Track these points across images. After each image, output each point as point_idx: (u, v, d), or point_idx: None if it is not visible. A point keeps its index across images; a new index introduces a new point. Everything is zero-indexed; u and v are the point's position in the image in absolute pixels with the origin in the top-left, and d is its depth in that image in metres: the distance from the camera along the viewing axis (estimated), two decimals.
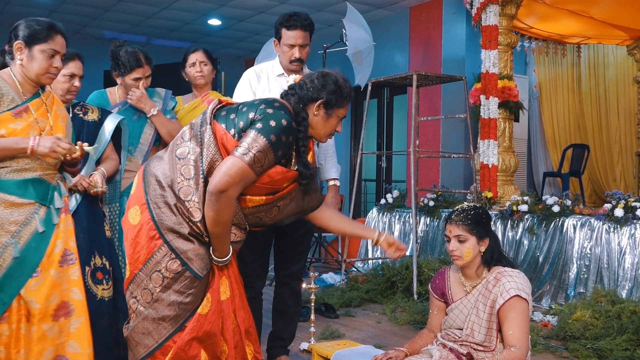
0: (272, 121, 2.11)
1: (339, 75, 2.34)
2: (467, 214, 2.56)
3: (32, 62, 2.35)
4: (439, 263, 5.02)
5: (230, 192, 2.07)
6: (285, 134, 2.14)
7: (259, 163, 2.09)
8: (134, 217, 2.21)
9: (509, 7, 6.06)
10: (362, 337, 3.96)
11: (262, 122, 2.11)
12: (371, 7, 8.07)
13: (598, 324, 3.78)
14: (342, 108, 2.32)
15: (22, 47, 2.34)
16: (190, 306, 2.16)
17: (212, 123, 2.19)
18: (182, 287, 2.14)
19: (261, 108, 2.16)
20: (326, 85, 2.28)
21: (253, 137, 2.09)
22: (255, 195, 2.20)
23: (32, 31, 2.34)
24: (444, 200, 6.14)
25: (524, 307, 2.45)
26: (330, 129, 2.34)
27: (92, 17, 8.82)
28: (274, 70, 3.19)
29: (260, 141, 2.08)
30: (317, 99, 2.26)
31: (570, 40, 8.00)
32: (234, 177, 2.06)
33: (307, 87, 2.28)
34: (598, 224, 4.67)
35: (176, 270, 2.14)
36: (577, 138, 8.49)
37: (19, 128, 2.30)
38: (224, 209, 2.10)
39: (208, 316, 2.19)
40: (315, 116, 2.28)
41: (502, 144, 6.05)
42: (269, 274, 4.76)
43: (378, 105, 9.10)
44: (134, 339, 2.18)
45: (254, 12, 8.53)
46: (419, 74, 5.50)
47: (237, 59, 11.30)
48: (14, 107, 2.32)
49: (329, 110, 2.29)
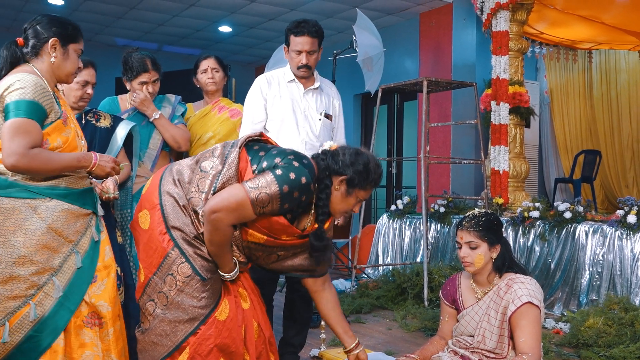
0: (292, 173, 2.10)
1: (372, 157, 2.29)
2: (478, 221, 2.55)
3: (66, 61, 2.29)
4: (449, 269, 5.00)
5: (221, 215, 2.07)
6: (299, 191, 2.12)
7: (261, 204, 2.08)
8: (144, 222, 2.23)
9: (519, 12, 6.05)
10: (372, 343, 3.95)
11: (283, 169, 2.11)
12: (381, 13, 8.08)
13: (611, 331, 3.75)
14: (363, 190, 2.27)
15: (58, 45, 2.25)
16: (205, 309, 2.17)
17: (242, 149, 2.21)
18: (194, 290, 2.15)
19: (289, 158, 2.15)
20: (355, 164, 2.23)
21: (268, 180, 2.08)
22: (255, 231, 2.20)
23: (67, 30, 2.27)
24: (454, 206, 6.12)
25: (536, 314, 2.44)
26: (347, 207, 2.30)
27: (104, 24, 8.89)
28: (284, 77, 3.20)
29: (273, 187, 2.07)
30: (342, 173, 2.23)
31: (581, 45, 7.97)
32: (231, 204, 2.06)
33: (338, 159, 2.24)
34: (610, 231, 4.64)
35: (187, 273, 2.15)
36: (589, 144, 8.45)
37: (70, 136, 2.26)
38: (214, 230, 2.10)
39: (226, 323, 2.20)
40: (336, 190, 2.25)
41: (513, 150, 6.03)
42: (280, 280, 4.76)
43: (388, 111, 9.09)
44: (152, 340, 2.19)
45: (265, 19, 8.56)
46: (429, 80, 5.49)
47: (247, 65, 11.34)
48: (61, 113, 2.25)
49: (350, 188, 2.24)
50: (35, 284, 2.12)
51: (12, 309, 2.09)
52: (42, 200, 2.14)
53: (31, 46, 2.24)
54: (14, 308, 2.09)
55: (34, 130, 2.07)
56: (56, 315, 2.13)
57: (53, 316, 2.13)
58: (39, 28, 2.23)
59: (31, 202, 2.11)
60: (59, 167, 2.16)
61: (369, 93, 6.92)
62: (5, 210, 2.08)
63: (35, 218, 2.11)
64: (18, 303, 2.10)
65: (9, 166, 2.04)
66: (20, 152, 2.02)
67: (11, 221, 2.08)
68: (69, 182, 2.23)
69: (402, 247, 6.40)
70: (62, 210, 2.18)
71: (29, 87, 2.09)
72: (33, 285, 2.11)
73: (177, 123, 3.41)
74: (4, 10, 8.17)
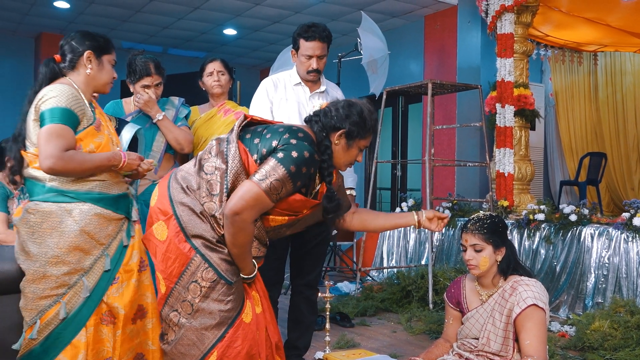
0: (294, 152, 2.11)
1: (365, 106, 2.30)
2: (483, 223, 2.55)
3: (101, 71, 2.45)
4: (454, 272, 4.99)
5: (244, 215, 2.08)
6: (306, 166, 2.14)
7: (275, 191, 2.09)
8: (160, 233, 2.22)
9: (524, 15, 6.04)
10: (377, 346, 3.95)
11: (284, 151, 2.12)
12: (386, 16, 8.09)
13: (617, 334, 3.73)
14: (363, 139, 2.29)
15: (92, 57, 2.40)
16: (232, 312, 2.17)
17: (237, 142, 2.21)
18: (220, 295, 2.15)
19: (285, 137, 2.16)
20: (350, 116, 2.25)
21: (272, 166, 2.09)
22: (277, 215, 2.22)
23: (100, 42, 2.43)
24: (459, 209, 6.11)
25: (541, 317, 2.43)
26: (350, 159, 2.33)
27: (110, 27, 8.92)
28: (291, 80, 3.20)
29: (280, 170, 2.08)
30: (339, 128, 2.25)
31: (586, 48, 7.95)
32: (249, 202, 2.07)
33: (332, 116, 2.26)
34: (616, 233, 4.62)
35: (212, 278, 2.14)
36: (594, 146, 8.42)
37: (103, 142, 2.38)
38: (239, 232, 2.11)
39: (251, 326, 2.21)
40: (336, 145, 2.27)
41: (518, 153, 6.02)
42: (285, 282, 4.76)
43: (393, 113, 9.09)
44: (180, 351, 2.18)
45: (269, 22, 8.58)
46: (434, 83, 5.49)
47: (252, 68, 11.36)
48: (94, 120, 2.38)
49: (350, 140, 2.27)
50: (66, 284, 2.22)
51: (44, 307, 2.20)
52: (77, 204, 2.26)
53: (68, 60, 2.39)
54: (45, 306, 2.20)
55: (68, 135, 2.21)
56: (79, 313, 2.23)
57: (77, 314, 2.23)
58: (73, 43, 2.40)
59: (67, 205, 2.22)
60: (92, 167, 2.28)
61: (373, 95, 6.92)
62: (43, 214, 2.21)
63: (69, 221, 2.22)
64: (49, 302, 2.21)
65: (46, 169, 2.16)
66: (56, 155, 2.15)
67: (48, 223, 2.20)
68: (103, 187, 2.33)
69: (407, 250, 6.39)
70: (95, 214, 2.28)
71: (62, 95, 2.24)
72: (64, 284, 2.22)
73: (181, 125, 3.42)
74: (10, 13, 8.21)
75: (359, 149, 2.31)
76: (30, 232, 2.21)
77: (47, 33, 9.17)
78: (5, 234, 3.48)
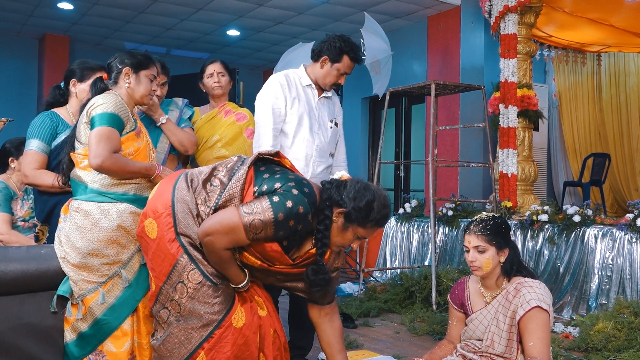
0: (289, 201, 2.06)
1: (380, 196, 2.18)
2: (486, 224, 2.55)
3: (139, 85, 2.70)
4: (458, 273, 4.98)
5: (214, 238, 2.07)
6: (295, 220, 2.08)
7: (254, 230, 2.06)
8: (151, 230, 2.25)
9: (528, 15, 6.04)
10: (380, 347, 3.94)
11: (281, 197, 2.07)
12: (389, 17, 8.08)
13: (621, 335, 3.72)
14: (362, 228, 2.17)
15: (130, 72, 2.67)
16: (219, 315, 2.17)
17: (249, 168, 2.21)
18: (205, 296, 2.16)
19: (289, 185, 2.12)
20: (357, 200, 2.14)
21: (263, 206, 2.06)
22: (251, 255, 2.19)
23: (137, 59, 2.71)
24: (462, 209, 6.10)
25: (545, 318, 2.43)
26: (344, 242, 2.22)
27: (113, 28, 8.94)
28: (301, 80, 3.21)
29: (267, 214, 2.04)
30: (341, 206, 2.15)
31: (590, 48, 7.94)
32: (223, 228, 2.07)
33: (342, 190, 2.17)
34: (620, 234, 4.61)
35: (197, 280, 2.16)
36: (598, 147, 8.41)
37: (142, 147, 2.66)
38: (209, 252, 2.13)
39: (243, 330, 2.20)
40: (334, 222, 2.18)
41: (521, 153, 6.01)
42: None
43: (396, 114, 9.09)
44: (167, 348, 2.20)
45: (272, 23, 8.58)
46: (437, 83, 5.49)
47: (255, 69, 11.37)
48: (135, 127, 2.65)
49: (347, 222, 2.16)
50: (105, 274, 2.47)
51: (86, 290, 2.46)
52: (114, 204, 2.51)
53: (113, 77, 2.71)
54: (87, 290, 2.46)
55: (115, 137, 2.49)
56: (124, 303, 2.47)
57: (121, 304, 2.47)
58: (116, 62, 2.71)
59: (105, 205, 2.48)
60: (132, 171, 2.56)
61: (376, 96, 6.92)
62: (85, 212, 2.47)
63: (108, 218, 2.49)
64: (90, 287, 2.46)
65: (95, 166, 2.44)
66: (105, 155, 2.43)
67: (89, 220, 2.46)
68: (138, 189, 2.60)
69: (410, 251, 6.39)
70: (131, 212, 2.52)
71: (110, 102, 2.53)
72: (103, 274, 2.47)
73: (184, 126, 3.42)
74: (15, 15, 8.23)
75: (355, 235, 2.19)
76: (74, 228, 2.46)
77: (50, 34, 9.19)
78: (9, 234, 3.48)
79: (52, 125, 3.02)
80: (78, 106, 3.12)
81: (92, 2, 7.75)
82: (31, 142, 2.94)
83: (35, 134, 2.99)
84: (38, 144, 2.96)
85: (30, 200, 3.69)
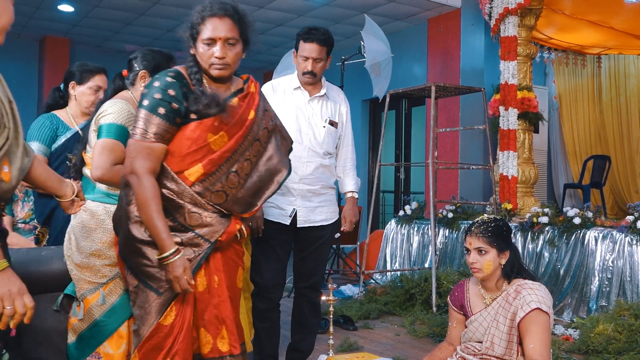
0: (154, 85, 2.09)
1: None
2: (487, 226, 2.55)
3: None
4: (458, 275, 4.98)
5: (135, 167, 2.04)
6: (172, 88, 2.08)
7: (150, 130, 2.04)
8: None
9: (528, 18, 6.04)
10: (380, 349, 3.94)
11: (144, 97, 2.09)
12: (389, 19, 8.09)
13: (621, 338, 3.72)
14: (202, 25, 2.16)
15: (147, 76, 2.61)
16: (152, 320, 2.10)
17: None
18: (140, 301, 2.13)
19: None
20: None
21: (140, 114, 2.08)
22: (189, 165, 2.07)
23: (156, 63, 2.67)
24: (462, 211, 6.10)
25: (545, 321, 2.43)
26: (207, 58, 2.16)
27: (114, 31, 8.95)
28: (291, 84, 3.19)
29: (142, 112, 2.07)
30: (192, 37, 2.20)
31: (590, 50, 7.94)
32: (131, 154, 2.06)
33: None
34: (620, 236, 4.61)
35: (134, 284, 2.15)
36: (598, 149, 8.41)
37: None
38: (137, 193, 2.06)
39: (168, 327, 2.09)
40: (193, 49, 2.20)
41: (521, 155, 6.01)
42: (288, 285, 4.77)
43: (396, 116, 9.09)
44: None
45: (273, 25, 8.59)
46: (437, 85, 5.49)
47: (255, 71, 11.37)
48: None
49: (192, 42, 2.20)
50: (106, 275, 2.45)
51: (86, 290, 2.44)
52: None
53: (131, 78, 2.66)
54: (87, 290, 2.44)
55: (119, 150, 2.42)
56: (124, 305, 2.43)
57: (121, 306, 2.44)
58: (134, 62, 2.68)
59: (111, 207, 2.44)
60: None
61: (377, 98, 6.92)
62: (91, 212, 2.46)
63: (111, 219, 2.46)
64: (91, 287, 2.44)
65: (95, 177, 2.41)
66: (106, 167, 2.39)
67: (94, 220, 2.45)
68: None
69: (410, 253, 6.39)
70: None
71: (119, 113, 2.47)
72: (104, 275, 2.45)
73: None
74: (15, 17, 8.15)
75: (207, 42, 2.17)
76: (80, 226, 2.46)
77: (51, 36, 9.20)
78: (9, 236, 3.48)
79: (52, 128, 3.03)
80: (77, 108, 3.12)
81: (93, 4, 7.76)
82: (31, 145, 2.93)
83: (35, 136, 2.99)
84: (38, 147, 2.97)
85: (31, 202, 3.70)
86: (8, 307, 1.48)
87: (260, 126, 2.21)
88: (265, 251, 3.04)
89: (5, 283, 1.50)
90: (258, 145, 2.21)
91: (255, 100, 2.24)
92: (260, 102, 2.26)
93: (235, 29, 2.19)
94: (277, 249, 3.04)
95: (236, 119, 2.14)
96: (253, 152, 2.18)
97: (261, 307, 3.07)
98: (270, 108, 2.35)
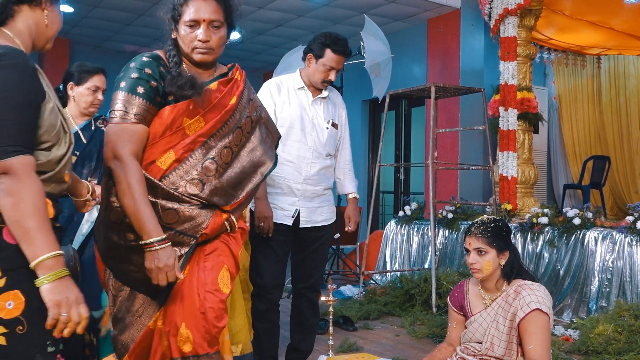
0: (129, 67, 1.97)
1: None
2: (487, 227, 2.54)
3: None
4: (457, 276, 4.98)
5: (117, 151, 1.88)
6: (148, 67, 1.96)
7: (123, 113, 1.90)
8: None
9: (527, 18, 6.04)
10: (380, 350, 3.94)
11: (121, 79, 1.95)
12: (389, 19, 8.09)
13: (621, 338, 3.72)
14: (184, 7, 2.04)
15: None
16: (140, 324, 1.99)
17: None
18: (126, 305, 2.02)
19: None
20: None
21: (117, 96, 1.93)
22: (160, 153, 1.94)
23: None
24: (462, 212, 6.10)
25: (545, 321, 2.42)
26: (190, 42, 2.04)
27: (113, 31, 8.95)
28: (294, 84, 3.20)
29: (119, 94, 1.92)
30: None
31: (590, 51, 7.95)
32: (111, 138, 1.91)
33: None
34: (620, 237, 4.61)
35: (119, 287, 2.02)
36: (598, 149, 8.41)
37: None
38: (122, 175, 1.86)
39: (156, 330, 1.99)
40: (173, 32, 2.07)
41: (521, 156, 6.01)
42: (287, 286, 4.76)
43: (396, 117, 9.09)
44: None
45: (273, 25, 8.59)
46: (437, 86, 5.49)
47: (255, 71, 11.37)
48: None
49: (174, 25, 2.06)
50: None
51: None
52: None
53: None
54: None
55: None
56: None
57: None
58: None
59: None
60: None
61: (376, 99, 6.92)
62: None
63: None
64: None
65: None
66: None
67: None
68: None
69: (410, 253, 6.38)
70: None
71: None
72: None
73: None
74: None
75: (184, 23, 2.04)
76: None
77: None
78: None
79: None
80: (76, 109, 3.12)
81: (93, 4, 7.76)
82: None
83: None
84: None
85: None
86: (64, 313, 1.49)
87: (243, 114, 2.08)
88: (265, 252, 3.04)
89: (64, 290, 1.49)
90: (240, 133, 2.06)
91: (239, 87, 2.12)
92: (244, 90, 2.14)
93: (220, 11, 2.08)
94: (276, 249, 3.04)
95: (214, 103, 2.01)
96: (234, 140, 2.04)
97: (261, 308, 3.07)
98: (256, 99, 2.24)
